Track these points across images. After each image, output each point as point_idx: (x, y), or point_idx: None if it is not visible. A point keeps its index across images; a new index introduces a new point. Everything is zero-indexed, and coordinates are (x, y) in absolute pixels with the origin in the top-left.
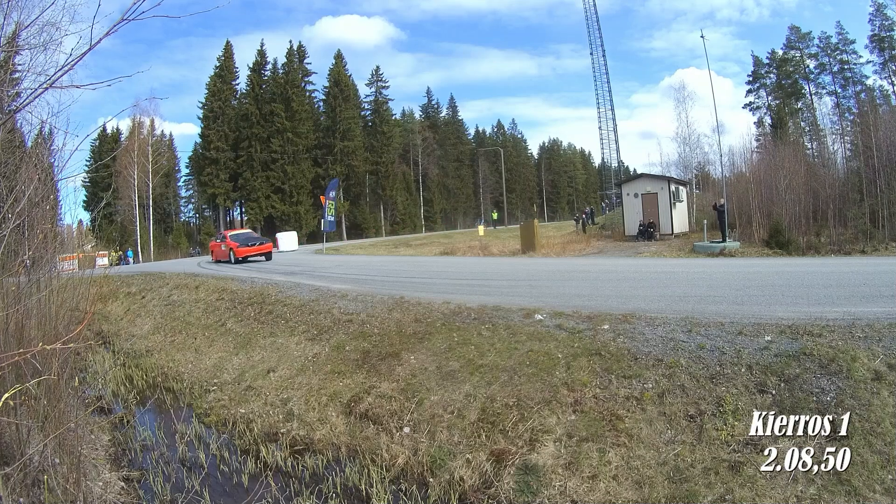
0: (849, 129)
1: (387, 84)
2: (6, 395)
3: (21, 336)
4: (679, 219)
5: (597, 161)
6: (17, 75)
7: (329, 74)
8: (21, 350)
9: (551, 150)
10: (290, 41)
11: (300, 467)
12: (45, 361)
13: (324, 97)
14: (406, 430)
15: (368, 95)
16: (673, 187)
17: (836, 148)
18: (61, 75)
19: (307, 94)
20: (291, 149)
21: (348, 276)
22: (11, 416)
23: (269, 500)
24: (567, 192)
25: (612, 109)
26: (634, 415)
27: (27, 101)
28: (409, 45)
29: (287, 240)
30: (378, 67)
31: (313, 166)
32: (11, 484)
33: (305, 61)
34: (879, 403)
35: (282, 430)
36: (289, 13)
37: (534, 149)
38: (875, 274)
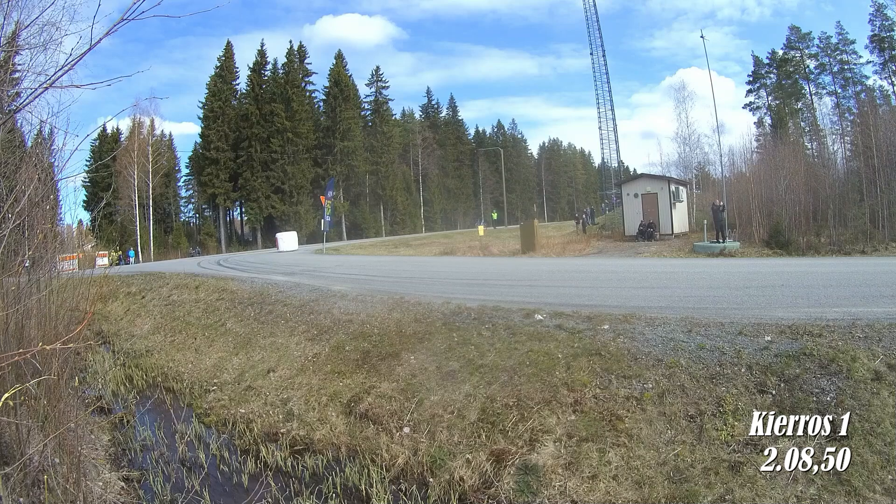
0: (849, 129)
1: (387, 84)
2: (6, 395)
3: (21, 336)
4: (679, 219)
5: (597, 161)
6: (17, 75)
7: (329, 74)
8: (21, 350)
9: (551, 150)
10: (291, 41)
11: (300, 467)
12: (45, 361)
13: (324, 97)
14: (406, 430)
15: (368, 95)
16: (673, 187)
17: (836, 148)
18: (61, 75)
19: (307, 94)
20: (291, 149)
21: (348, 276)
22: (11, 416)
23: (269, 500)
24: (567, 192)
25: (613, 109)
26: (634, 415)
27: (27, 101)
28: (410, 44)
29: (287, 240)
30: (378, 67)
31: (313, 166)
32: (11, 484)
33: (305, 61)
34: (879, 403)
35: (282, 430)
36: (289, 12)
37: (534, 149)
38: (875, 274)
